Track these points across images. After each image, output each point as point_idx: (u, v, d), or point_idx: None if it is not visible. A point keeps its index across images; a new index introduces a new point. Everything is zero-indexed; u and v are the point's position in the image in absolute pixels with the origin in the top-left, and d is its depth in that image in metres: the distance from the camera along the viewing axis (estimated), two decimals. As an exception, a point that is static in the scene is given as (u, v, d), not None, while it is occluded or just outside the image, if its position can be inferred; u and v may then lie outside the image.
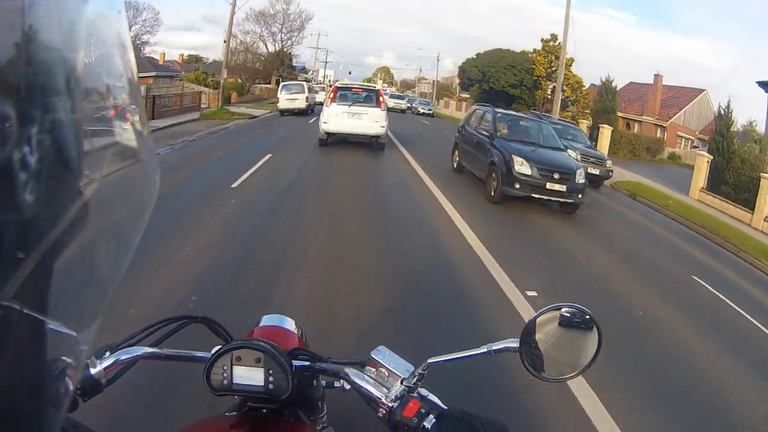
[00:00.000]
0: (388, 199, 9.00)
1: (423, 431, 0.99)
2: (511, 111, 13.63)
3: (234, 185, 8.49)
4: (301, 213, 7.25)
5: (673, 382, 4.26)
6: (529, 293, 5.30)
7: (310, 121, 18.61)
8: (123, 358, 1.07)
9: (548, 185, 9.24)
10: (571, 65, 35.98)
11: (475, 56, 42.33)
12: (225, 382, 1.05)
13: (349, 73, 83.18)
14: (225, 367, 1.05)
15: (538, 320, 1.07)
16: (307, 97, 25.00)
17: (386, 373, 1.08)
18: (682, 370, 4.53)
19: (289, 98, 24.94)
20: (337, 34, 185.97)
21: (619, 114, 35.36)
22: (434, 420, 0.99)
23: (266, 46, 51.31)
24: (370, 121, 13.63)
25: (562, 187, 9.25)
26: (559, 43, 37.57)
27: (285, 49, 53.36)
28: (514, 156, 9.33)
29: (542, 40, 39.56)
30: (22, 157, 0.34)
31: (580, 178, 9.41)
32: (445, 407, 1.02)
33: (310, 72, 59.70)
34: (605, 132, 22.73)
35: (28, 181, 0.35)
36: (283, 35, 52.55)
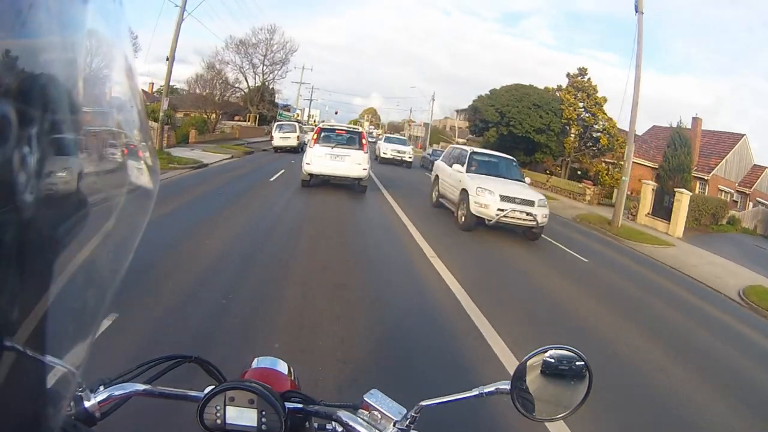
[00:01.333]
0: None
1: None
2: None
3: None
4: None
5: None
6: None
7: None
8: (117, 393, 1.09)
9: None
10: (603, 105, 32.84)
11: (488, 93, 37.25)
12: (218, 422, 1.07)
13: (336, 113, 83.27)
14: (218, 407, 1.07)
15: (528, 362, 1.09)
16: (298, 136, 28.04)
17: (379, 416, 1.11)
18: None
19: (282, 137, 28.33)
20: (323, 73, 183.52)
21: (648, 164, 31.56)
22: None
23: (246, 79, 49.35)
24: (352, 164, 14.02)
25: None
26: (589, 79, 34.43)
27: (267, 83, 51.62)
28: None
29: (569, 75, 34.73)
30: (22, 157, 0.35)
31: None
32: None
33: (292, 110, 57.47)
34: (682, 200, 18.33)
35: (28, 181, 0.35)
36: (265, 68, 50.53)
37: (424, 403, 1.12)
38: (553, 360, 1.12)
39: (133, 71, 0.55)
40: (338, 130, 15.23)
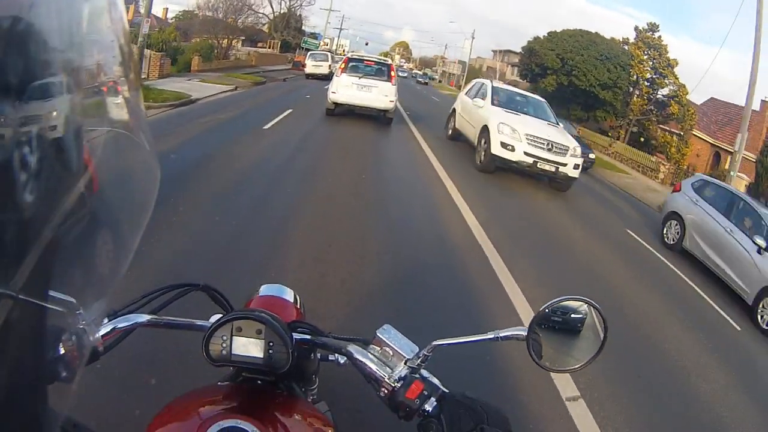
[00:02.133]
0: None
1: (423, 413, 1.01)
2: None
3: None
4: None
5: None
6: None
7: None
8: (121, 325, 1.08)
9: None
10: (675, 67, 29.08)
11: (547, 35, 32.90)
12: (224, 352, 1.06)
13: (366, 44, 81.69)
14: (224, 338, 1.06)
15: (546, 311, 1.11)
16: (330, 65, 28.77)
17: (390, 353, 1.10)
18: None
19: (314, 64, 30.71)
20: (355, 4, 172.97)
21: (709, 139, 27.90)
22: (436, 403, 1.02)
23: (271, 3, 47.16)
24: (379, 95, 13.91)
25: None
26: (659, 36, 30.63)
27: (293, 10, 49.50)
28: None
29: (637, 29, 30.80)
30: (22, 157, 0.35)
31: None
32: (446, 390, 1.04)
33: (318, 37, 54.21)
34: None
35: (28, 181, 0.36)
36: None
37: (437, 342, 1.10)
38: (570, 311, 1.14)
39: (117, 6, 0.53)
40: (367, 60, 14.97)
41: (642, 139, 29.40)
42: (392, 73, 14.40)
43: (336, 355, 1.22)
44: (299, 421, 1.14)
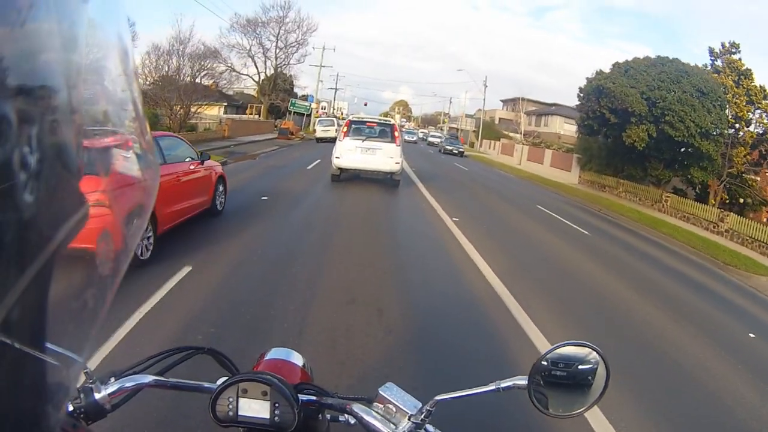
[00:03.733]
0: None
1: None
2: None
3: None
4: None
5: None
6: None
7: None
8: (127, 385, 1.15)
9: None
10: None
11: (616, 67, 25.23)
12: (230, 413, 1.12)
13: (365, 104, 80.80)
14: (231, 399, 1.12)
15: (545, 358, 1.15)
16: (336, 129, 30.78)
17: (394, 410, 1.14)
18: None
19: (323, 129, 35.66)
20: (349, 67, 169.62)
21: None
22: None
23: (255, 64, 45.59)
24: (384, 157, 14.44)
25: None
26: (740, 59, 24.79)
27: (280, 69, 46.84)
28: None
29: (713, 51, 24.95)
30: (22, 157, 0.35)
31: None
32: None
33: (309, 99, 50.70)
34: None
35: (28, 181, 0.36)
36: (278, 50, 46.06)
37: (439, 397, 1.14)
38: (570, 355, 1.17)
39: (129, 57, 0.56)
40: (369, 122, 15.48)
41: (742, 201, 23.54)
42: (396, 134, 14.82)
43: (347, 416, 1.20)
44: None
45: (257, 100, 46.62)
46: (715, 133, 22.19)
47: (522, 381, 1.12)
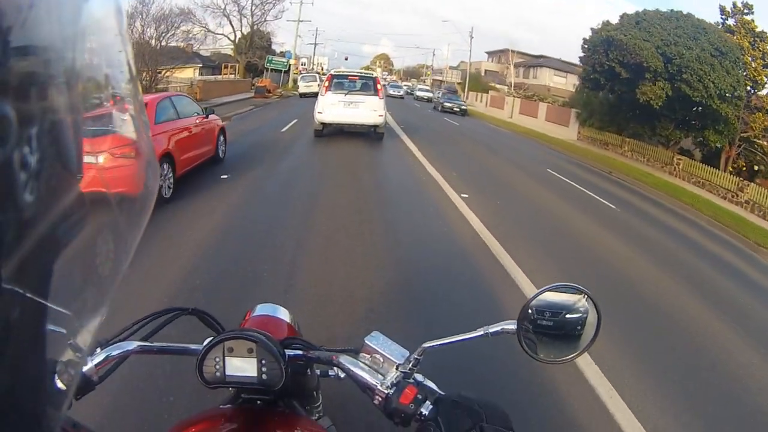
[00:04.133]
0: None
1: (420, 418, 1.03)
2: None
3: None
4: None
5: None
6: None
7: None
8: (114, 353, 1.11)
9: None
10: None
11: (622, 19, 23.05)
12: (218, 374, 1.09)
13: (346, 59, 79.35)
14: (217, 359, 1.09)
15: (534, 301, 1.12)
16: (318, 84, 30.93)
17: (381, 360, 1.12)
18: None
19: (305, 85, 36.29)
20: (329, 23, 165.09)
21: None
22: (432, 406, 1.03)
23: (231, 23, 44.13)
24: (367, 110, 14.20)
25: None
26: (753, 20, 22.86)
27: (256, 26, 45.13)
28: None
29: (724, 10, 22.82)
30: (22, 157, 0.35)
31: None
32: (442, 392, 1.07)
33: (287, 55, 47.14)
34: None
35: (28, 181, 0.36)
36: (253, 7, 44.19)
37: (426, 345, 1.13)
38: (560, 298, 1.13)
39: (122, 16, 0.56)
40: (351, 76, 15.25)
41: (756, 168, 22.35)
42: (378, 87, 14.57)
43: (336, 369, 1.20)
44: None
45: (234, 59, 44.79)
46: (733, 95, 20.38)
47: (511, 326, 1.11)
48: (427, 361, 1.12)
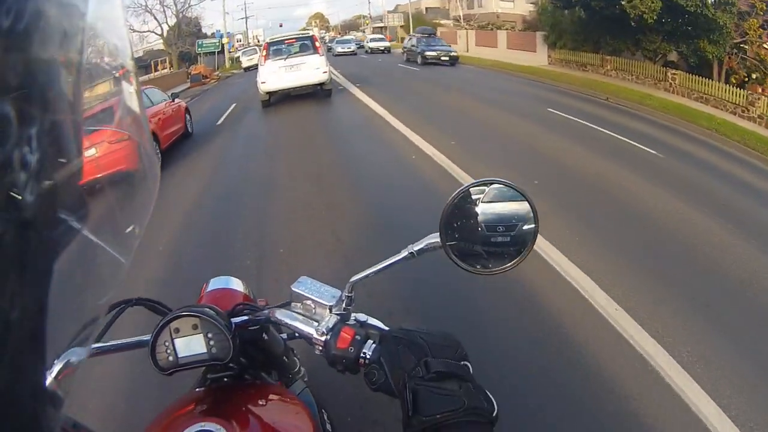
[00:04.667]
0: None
1: (364, 360, 0.96)
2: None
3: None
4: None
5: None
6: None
7: None
8: (72, 360, 0.87)
9: (441, 57, 26.07)
10: None
11: None
12: (170, 358, 1.05)
13: (280, 26, 77.08)
14: (167, 343, 1.05)
15: (455, 204, 0.98)
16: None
17: (312, 305, 1.06)
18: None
19: (248, 59, 36.81)
20: None
21: None
22: (375, 345, 0.96)
23: (155, 17, 42.27)
24: (310, 70, 14.03)
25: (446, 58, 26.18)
26: None
27: (182, 14, 43.48)
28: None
29: None
30: (22, 157, 0.35)
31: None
32: (386, 328, 1.02)
33: (217, 35, 46.16)
34: None
35: (28, 181, 0.36)
36: None
37: (354, 278, 1.07)
38: (486, 199, 0.98)
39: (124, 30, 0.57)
40: (287, 40, 14.83)
41: (747, 79, 20.06)
42: (317, 44, 14.43)
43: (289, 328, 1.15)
44: (268, 408, 1.17)
45: (166, 53, 42.60)
46: (727, 1, 18.08)
47: (435, 239, 0.99)
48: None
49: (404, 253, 1.03)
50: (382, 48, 40.87)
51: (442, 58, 26.10)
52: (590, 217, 6.02)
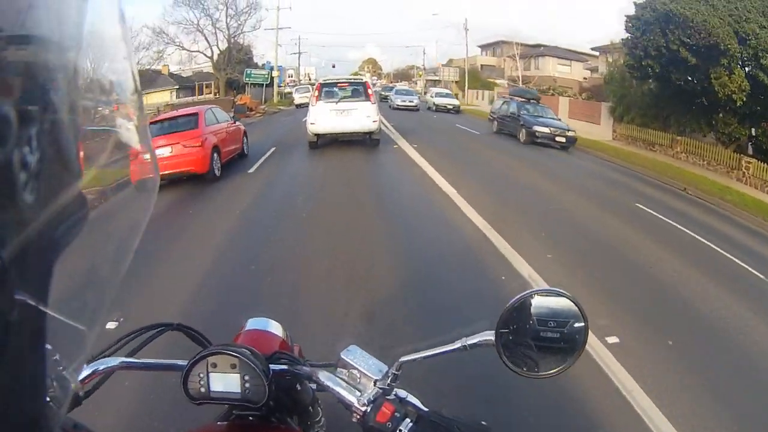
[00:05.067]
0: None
1: None
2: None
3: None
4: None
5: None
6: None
7: None
8: (101, 368, 1.10)
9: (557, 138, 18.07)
10: None
11: None
12: (202, 390, 1.08)
13: (333, 66, 76.63)
14: (201, 375, 1.07)
15: (515, 308, 1.03)
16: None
17: (358, 375, 1.09)
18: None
19: (300, 96, 37.31)
20: (310, 31, 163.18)
21: None
22: (411, 424, 1.01)
23: (206, 38, 40.54)
24: (361, 117, 13.64)
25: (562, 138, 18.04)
26: None
27: (234, 39, 41.70)
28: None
29: None
30: (22, 157, 0.36)
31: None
32: (425, 409, 1.06)
33: (266, 66, 43.70)
34: None
35: (28, 181, 0.36)
36: (229, 18, 40.64)
37: (404, 358, 1.08)
38: (542, 306, 1.03)
39: (125, 23, 0.55)
40: (340, 83, 14.55)
41: None
42: (369, 92, 13.97)
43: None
44: None
45: (215, 77, 42.01)
46: None
47: (489, 336, 1.02)
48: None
49: (457, 345, 1.05)
50: (451, 106, 33.82)
51: (557, 139, 18.06)
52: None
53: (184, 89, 41.69)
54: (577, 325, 1.00)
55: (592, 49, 42.10)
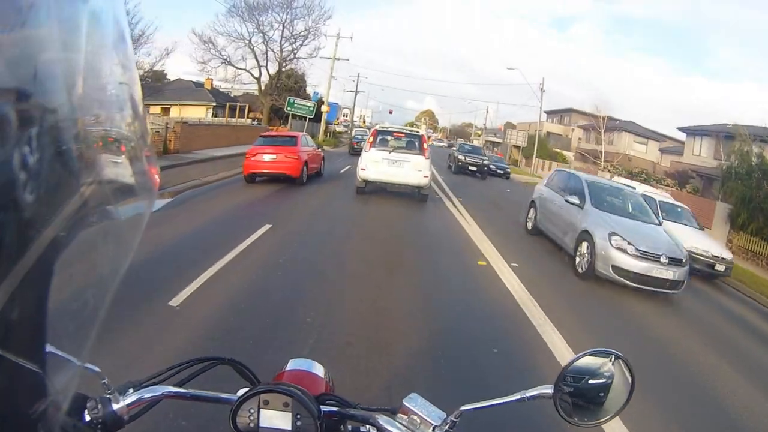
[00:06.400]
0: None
1: None
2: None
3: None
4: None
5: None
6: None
7: None
8: (146, 396, 1.11)
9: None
10: None
11: None
12: (251, 425, 1.09)
13: (390, 112, 77.53)
14: (252, 410, 1.09)
15: (571, 366, 1.12)
16: None
17: (418, 421, 1.11)
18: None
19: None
20: (370, 72, 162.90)
21: None
22: None
23: (256, 56, 35.84)
24: (412, 170, 13.53)
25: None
26: None
27: (286, 63, 37.28)
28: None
29: None
30: (22, 157, 0.36)
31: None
32: None
33: (314, 96, 40.23)
34: None
35: (28, 181, 0.36)
36: (283, 40, 36.13)
37: (464, 408, 1.11)
38: (595, 363, 1.14)
39: (130, 60, 0.55)
40: (396, 132, 14.56)
41: None
42: (425, 146, 13.99)
43: (369, 427, 1.17)
44: None
45: (261, 101, 38.55)
46: None
47: (548, 390, 1.09)
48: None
49: (516, 396, 1.10)
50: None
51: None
52: None
53: (222, 107, 38.80)
54: (622, 380, 1.09)
55: (679, 129, 36.55)
